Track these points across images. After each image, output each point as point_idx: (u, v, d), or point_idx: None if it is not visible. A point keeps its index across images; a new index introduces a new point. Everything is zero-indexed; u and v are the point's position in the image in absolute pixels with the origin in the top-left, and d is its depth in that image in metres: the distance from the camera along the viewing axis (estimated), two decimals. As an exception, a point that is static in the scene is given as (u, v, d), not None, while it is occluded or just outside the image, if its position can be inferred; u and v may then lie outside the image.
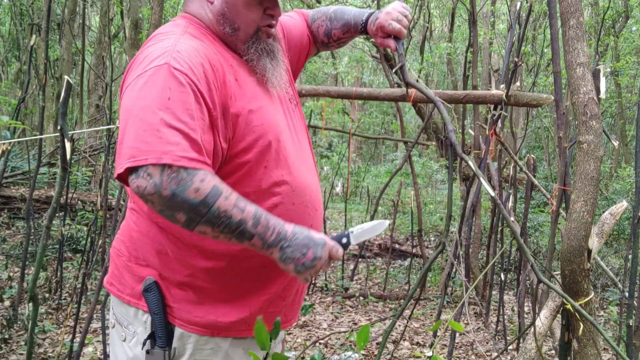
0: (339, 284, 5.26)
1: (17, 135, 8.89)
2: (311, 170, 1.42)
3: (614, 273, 5.08)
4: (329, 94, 3.62)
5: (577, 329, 1.69)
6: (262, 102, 1.30)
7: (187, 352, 1.27)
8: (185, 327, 1.26)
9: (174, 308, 1.27)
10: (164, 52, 1.17)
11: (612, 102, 10.40)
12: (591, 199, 1.66)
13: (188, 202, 1.07)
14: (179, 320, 1.27)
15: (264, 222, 1.14)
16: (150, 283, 1.26)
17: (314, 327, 4.15)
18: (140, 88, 1.13)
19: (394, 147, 16.94)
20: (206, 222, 1.10)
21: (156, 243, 1.28)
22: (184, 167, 1.07)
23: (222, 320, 1.28)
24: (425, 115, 6.90)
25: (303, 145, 1.44)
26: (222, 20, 1.31)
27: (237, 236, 1.13)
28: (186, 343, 1.26)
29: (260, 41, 1.34)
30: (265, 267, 1.29)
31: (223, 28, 1.31)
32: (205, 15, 1.33)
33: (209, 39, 1.30)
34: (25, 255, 3.53)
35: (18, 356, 3.18)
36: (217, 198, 1.09)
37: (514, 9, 4.38)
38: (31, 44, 3.20)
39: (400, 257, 6.59)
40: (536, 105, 3.15)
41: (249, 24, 1.31)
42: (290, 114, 1.42)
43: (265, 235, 1.14)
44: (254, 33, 1.33)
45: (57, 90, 9.82)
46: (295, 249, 1.16)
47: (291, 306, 1.40)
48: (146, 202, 1.10)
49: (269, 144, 1.26)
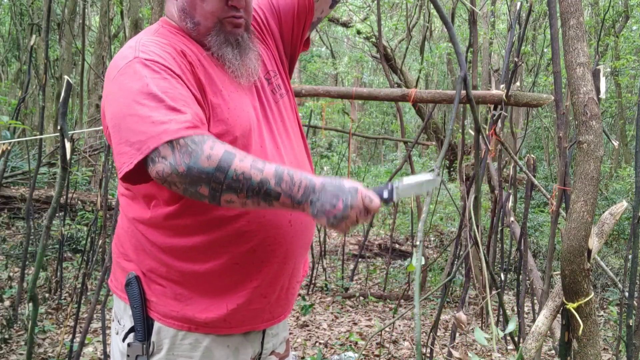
0: (339, 284, 5.26)
1: (17, 135, 8.89)
2: (298, 161, 1.39)
3: (614, 273, 5.08)
4: (329, 94, 3.61)
5: (577, 329, 1.69)
6: (229, 96, 1.28)
7: (164, 347, 1.28)
8: (163, 321, 1.27)
9: (153, 302, 1.28)
10: (130, 50, 1.20)
11: (612, 102, 10.40)
12: (591, 199, 1.66)
13: (204, 172, 1.05)
14: (157, 314, 1.28)
15: (287, 177, 1.09)
16: (131, 277, 1.29)
17: (314, 327, 4.15)
18: (119, 88, 1.15)
19: (394, 147, 16.93)
20: (228, 188, 1.07)
21: (134, 239, 1.30)
22: (186, 136, 1.07)
23: (199, 317, 1.27)
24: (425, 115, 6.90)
25: (289, 136, 1.40)
26: (183, 16, 1.31)
27: (264, 198, 1.09)
28: (163, 338, 1.27)
29: (221, 33, 1.31)
30: (239, 264, 1.27)
31: (185, 23, 1.31)
32: (173, 15, 1.34)
33: (181, 39, 1.31)
34: (25, 255, 3.53)
35: (18, 356, 3.18)
36: (232, 161, 1.06)
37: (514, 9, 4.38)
38: (31, 44, 3.20)
39: (400, 257, 6.59)
40: (536, 105, 3.15)
41: (207, 17, 1.29)
42: (269, 106, 1.38)
43: (292, 192, 1.09)
44: (214, 25, 1.30)
45: (57, 90, 9.82)
46: (324, 201, 1.09)
47: (277, 303, 1.36)
48: (170, 187, 1.10)
49: (234, 139, 1.23)
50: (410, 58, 12.91)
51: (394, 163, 13.21)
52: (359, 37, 8.47)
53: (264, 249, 1.29)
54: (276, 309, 1.38)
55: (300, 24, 1.52)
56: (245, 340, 1.35)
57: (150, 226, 1.28)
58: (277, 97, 1.42)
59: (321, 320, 4.32)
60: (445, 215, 8.72)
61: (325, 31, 10.98)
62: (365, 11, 8.96)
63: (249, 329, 1.34)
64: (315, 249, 5.98)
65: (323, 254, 5.62)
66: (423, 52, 9.34)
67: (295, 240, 1.34)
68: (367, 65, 14.21)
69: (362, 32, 7.84)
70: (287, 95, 1.47)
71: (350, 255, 6.42)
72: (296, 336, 3.91)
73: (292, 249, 1.34)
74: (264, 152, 1.29)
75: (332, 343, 3.81)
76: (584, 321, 1.68)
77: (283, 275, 1.35)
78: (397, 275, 5.79)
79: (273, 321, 1.39)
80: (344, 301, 4.85)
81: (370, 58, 10.86)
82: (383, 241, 7.14)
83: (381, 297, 4.95)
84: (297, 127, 1.47)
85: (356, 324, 4.29)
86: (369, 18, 8.74)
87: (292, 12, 1.50)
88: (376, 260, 6.65)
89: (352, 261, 6.10)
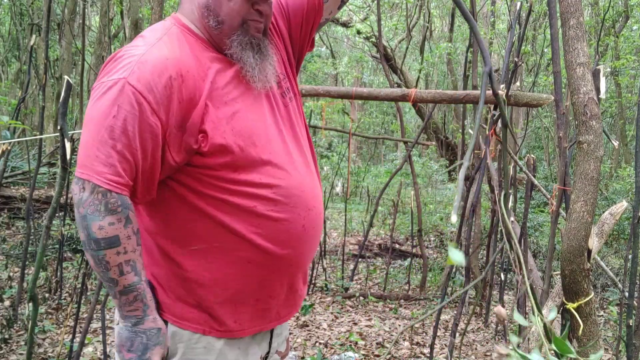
0: (339, 284, 5.26)
1: (17, 135, 8.89)
2: (306, 168, 1.37)
3: (614, 273, 5.08)
4: (329, 94, 3.61)
5: (577, 329, 1.69)
6: (239, 105, 1.26)
7: (179, 351, 1.27)
8: (179, 324, 1.27)
9: (167, 304, 1.27)
10: (130, 62, 1.17)
11: (612, 102, 10.40)
12: (591, 199, 1.66)
13: (88, 231, 1.14)
14: (171, 316, 1.27)
15: (131, 297, 1.18)
16: None
17: (314, 327, 4.15)
18: (97, 98, 1.16)
19: (394, 147, 16.93)
20: (91, 256, 1.16)
21: (146, 242, 1.30)
22: (110, 191, 1.13)
23: (214, 318, 1.28)
24: (425, 115, 6.90)
25: (297, 141, 1.39)
26: (206, 13, 1.27)
27: (107, 287, 1.19)
28: (178, 342, 1.26)
29: (246, 34, 1.28)
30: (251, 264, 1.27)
31: (208, 21, 1.27)
32: (192, 13, 1.30)
33: (190, 41, 1.27)
34: (25, 255, 3.53)
35: (18, 356, 3.18)
36: (110, 248, 1.14)
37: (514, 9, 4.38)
38: (31, 44, 3.20)
39: (400, 257, 6.59)
40: (536, 105, 3.15)
41: (234, 17, 1.26)
42: (278, 110, 1.36)
43: (123, 307, 1.19)
44: (239, 26, 1.27)
45: (57, 90, 9.82)
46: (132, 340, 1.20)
47: (285, 302, 1.37)
48: None
49: (240, 149, 1.22)
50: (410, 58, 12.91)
51: (394, 163, 13.21)
52: (359, 37, 8.47)
53: (277, 253, 1.29)
54: (284, 309, 1.38)
55: (308, 25, 1.50)
56: (254, 341, 1.35)
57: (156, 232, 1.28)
58: (287, 101, 1.40)
59: (321, 320, 4.33)
60: (445, 215, 8.72)
61: (325, 31, 10.99)
62: (365, 11, 8.96)
63: (258, 330, 1.34)
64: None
65: (323, 254, 5.62)
66: (423, 52, 9.35)
67: (306, 243, 1.34)
68: (367, 65, 14.21)
69: (362, 32, 7.84)
70: (295, 98, 1.44)
71: (350, 255, 6.42)
72: (296, 336, 3.91)
73: (303, 251, 1.34)
74: (276, 158, 1.28)
75: (332, 343, 3.81)
76: (584, 321, 1.68)
77: (293, 277, 1.36)
78: (397, 276, 5.79)
79: (280, 321, 1.39)
80: (344, 301, 4.85)
81: (370, 58, 10.86)
82: (383, 241, 7.14)
83: (381, 297, 4.95)
84: (304, 131, 1.45)
85: (356, 324, 4.29)
86: (369, 18, 8.74)
87: (301, 13, 1.47)
88: (376, 260, 6.65)
89: (352, 261, 6.10)
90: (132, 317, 1.20)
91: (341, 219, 8.55)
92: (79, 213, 1.14)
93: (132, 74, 1.15)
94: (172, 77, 1.17)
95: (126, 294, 1.18)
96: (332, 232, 8.10)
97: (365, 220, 8.00)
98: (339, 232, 8.00)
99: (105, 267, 1.15)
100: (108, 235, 1.13)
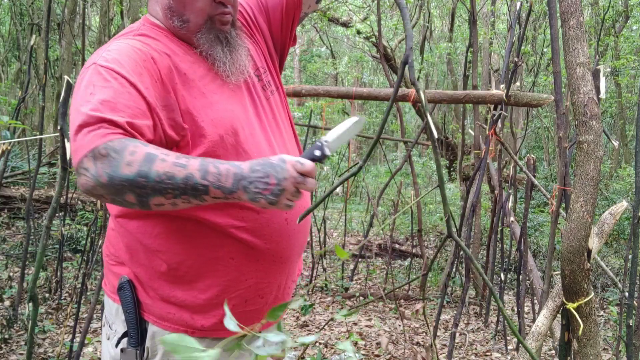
0: (339, 284, 5.26)
1: (17, 135, 8.89)
2: None
3: (614, 273, 5.08)
4: (329, 94, 3.62)
5: (577, 329, 1.69)
6: (217, 96, 1.26)
7: (159, 352, 1.26)
8: (159, 324, 1.25)
9: (147, 305, 1.26)
10: (96, 54, 1.18)
11: (612, 102, 10.40)
12: (591, 199, 1.66)
13: (126, 178, 1.00)
14: (152, 316, 1.26)
15: (212, 169, 1.04)
16: (124, 282, 1.27)
17: (314, 327, 4.15)
18: (74, 94, 1.14)
19: (394, 147, 16.93)
20: (153, 191, 1.02)
21: (125, 240, 1.28)
22: (108, 145, 1.02)
23: (196, 319, 1.26)
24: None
25: (280, 133, 1.39)
26: (169, 14, 1.28)
27: (193, 194, 1.04)
28: (158, 342, 1.24)
29: (212, 30, 1.28)
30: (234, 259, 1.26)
31: (172, 22, 1.28)
32: (157, 13, 1.31)
33: (163, 38, 1.27)
34: (25, 255, 3.53)
35: (18, 356, 3.18)
36: (153, 163, 1.01)
37: (514, 9, 4.38)
38: (31, 44, 3.20)
39: (400, 257, 6.59)
40: (536, 105, 3.15)
41: (198, 14, 1.26)
42: (260, 102, 1.37)
43: (220, 182, 1.04)
44: (204, 22, 1.28)
45: (57, 90, 9.81)
46: (257, 184, 1.05)
47: (274, 302, 1.35)
48: (98, 199, 1.09)
49: (219, 139, 1.21)
50: (410, 58, 12.88)
51: (394, 163, 13.21)
52: (359, 37, 8.47)
53: (260, 247, 1.27)
54: None
55: (289, 20, 1.51)
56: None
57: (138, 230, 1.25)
58: (268, 94, 1.41)
59: (321, 320, 4.33)
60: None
61: (325, 31, 10.98)
62: (365, 11, 8.96)
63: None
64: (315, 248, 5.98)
65: (323, 254, 5.62)
66: (423, 52, 9.35)
67: (291, 238, 1.33)
68: (367, 65, 14.20)
69: (362, 32, 7.83)
70: (277, 91, 1.46)
71: (350, 255, 6.42)
72: (296, 336, 3.91)
73: (289, 246, 1.33)
74: (257, 149, 1.28)
75: (332, 343, 3.81)
76: (584, 321, 1.68)
77: (280, 274, 1.34)
78: (397, 276, 5.79)
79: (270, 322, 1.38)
80: (344, 301, 4.85)
81: (370, 58, 10.86)
82: (383, 241, 7.14)
83: (381, 297, 4.95)
84: (288, 124, 1.46)
85: (356, 324, 4.29)
86: (369, 18, 8.73)
87: (280, 8, 1.49)
88: (376, 260, 6.65)
89: (352, 261, 6.10)
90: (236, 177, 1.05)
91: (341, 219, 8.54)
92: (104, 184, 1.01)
93: (101, 59, 1.15)
94: (143, 58, 1.17)
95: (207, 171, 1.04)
96: (332, 232, 8.10)
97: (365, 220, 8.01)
98: (339, 232, 8.00)
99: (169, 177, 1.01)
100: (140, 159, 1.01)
